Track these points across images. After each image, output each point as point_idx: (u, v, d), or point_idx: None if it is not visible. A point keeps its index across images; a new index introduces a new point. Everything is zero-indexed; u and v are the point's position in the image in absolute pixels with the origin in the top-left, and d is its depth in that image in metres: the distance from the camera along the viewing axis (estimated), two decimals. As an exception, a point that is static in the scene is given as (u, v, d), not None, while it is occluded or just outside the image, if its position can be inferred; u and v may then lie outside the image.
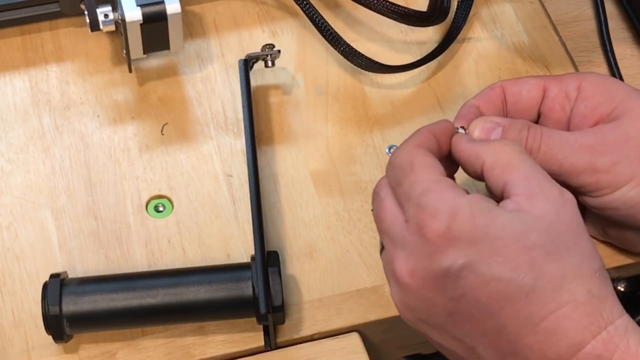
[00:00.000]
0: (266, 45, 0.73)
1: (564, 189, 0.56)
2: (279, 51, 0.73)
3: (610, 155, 0.60)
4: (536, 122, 0.65)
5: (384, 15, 0.74)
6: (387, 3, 0.73)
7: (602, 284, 0.54)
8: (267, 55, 0.73)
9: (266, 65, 0.73)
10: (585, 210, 0.66)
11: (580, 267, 0.54)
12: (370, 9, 0.74)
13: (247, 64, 0.72)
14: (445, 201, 0.55)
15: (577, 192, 0.61)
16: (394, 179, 0.58)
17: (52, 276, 0.62)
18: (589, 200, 0.62)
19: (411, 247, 0.56)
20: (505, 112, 0.64)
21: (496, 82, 0.65)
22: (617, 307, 0.54)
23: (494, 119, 0.62)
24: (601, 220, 0.66)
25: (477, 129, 0.62)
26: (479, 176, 0.59)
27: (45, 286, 0.62)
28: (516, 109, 0.64)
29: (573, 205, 0.56)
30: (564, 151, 0.60)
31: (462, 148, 0.60)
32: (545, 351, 0.53)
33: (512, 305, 0.53)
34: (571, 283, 0.53)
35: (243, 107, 0.69)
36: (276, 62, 0.73)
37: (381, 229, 0.59)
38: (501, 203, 0.56)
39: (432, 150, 0.59)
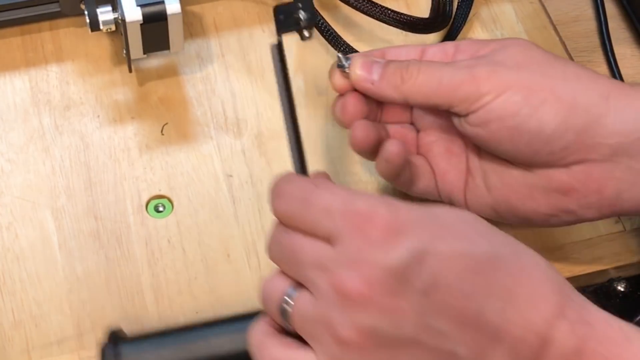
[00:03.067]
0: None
1: None
2: (316, 20, 0.64)
3: (488, 66, 0.60)
4: None
5: (388, 24, 0.74)
6: (391, 12, 0.73)
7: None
8: (299, 19, 0.62)
9: (302, 38, 0.64)
10: (467, 189, 0.65)
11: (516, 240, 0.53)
12: (374, 18, 0.74)
13: (281, 49, 0.61)
14: (376, 198, 0.51)
15: (460, 113, 0.61)
16: (295, 206, 0.53)
17: (110, 336, 0.61)
18: (473, 117, 0.60)
19: (355, 256, 0.50)
20: None
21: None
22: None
23: (375, 57, 0.64)
24: (486, 183, 0.64)
25: (358, 64, 0.63)
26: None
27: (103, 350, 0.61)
28: None
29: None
30: (442, 70, 0.61)
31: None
32: (530, 321, 0.49)
33: (484, 277, 0.49)
34: (524, 254, 0.52)
35: (282, 96, 0.61)
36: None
37: (304, 265, 0.52)
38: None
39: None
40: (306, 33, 0.62)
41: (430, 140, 0.67)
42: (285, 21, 0.62)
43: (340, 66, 0.64)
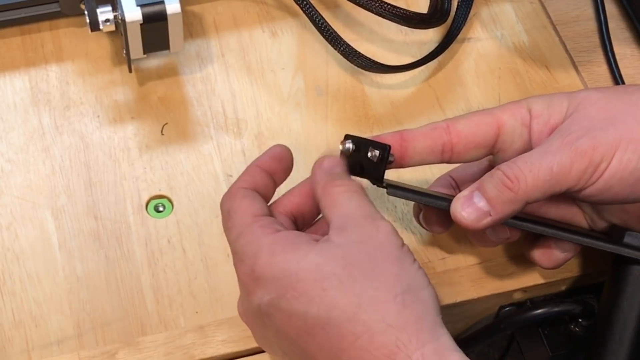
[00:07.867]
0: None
1: (381, 222, 0.56)
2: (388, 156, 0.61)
3: (584, 135, 0.58)
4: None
5: (385, 18, 0.74)
6: (389, 6, 0.73)
7: (402, 310, 0.53)
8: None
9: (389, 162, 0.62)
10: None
11: (376, 294, 0.53)
12: (372, 12, 0.74)
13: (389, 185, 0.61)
14: (251, 244, 0.57)
15: (583, 192, 0.59)
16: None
17: None
18: (595, 190, 0.59)
19: (240, 291, 0.59)
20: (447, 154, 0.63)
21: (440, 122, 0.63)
22: (423, 333, 0.53)
23: (468, 191, 0.60)
24: (601, 217, 0.65)
25: (459, 206, 0.59)
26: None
27: None
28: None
29: (387, 234, 0.56)
30: (545, 160, 0.58)
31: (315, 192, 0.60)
32: None
33: (314, 339, 0.54)
34: (364, 312, 0.53)
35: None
36: (276, 62, 0.73)
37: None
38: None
39: (261, 184, 0.60)
40: (391, 158, 0.61)
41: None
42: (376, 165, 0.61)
43: (377, 159, 0.60)
